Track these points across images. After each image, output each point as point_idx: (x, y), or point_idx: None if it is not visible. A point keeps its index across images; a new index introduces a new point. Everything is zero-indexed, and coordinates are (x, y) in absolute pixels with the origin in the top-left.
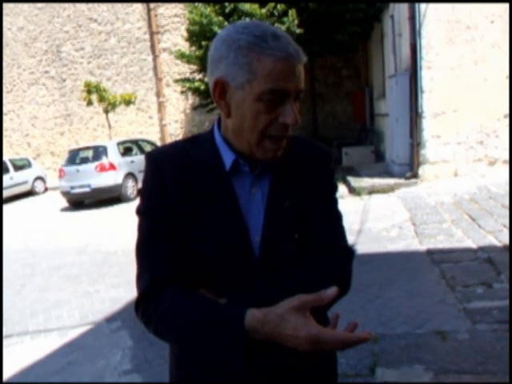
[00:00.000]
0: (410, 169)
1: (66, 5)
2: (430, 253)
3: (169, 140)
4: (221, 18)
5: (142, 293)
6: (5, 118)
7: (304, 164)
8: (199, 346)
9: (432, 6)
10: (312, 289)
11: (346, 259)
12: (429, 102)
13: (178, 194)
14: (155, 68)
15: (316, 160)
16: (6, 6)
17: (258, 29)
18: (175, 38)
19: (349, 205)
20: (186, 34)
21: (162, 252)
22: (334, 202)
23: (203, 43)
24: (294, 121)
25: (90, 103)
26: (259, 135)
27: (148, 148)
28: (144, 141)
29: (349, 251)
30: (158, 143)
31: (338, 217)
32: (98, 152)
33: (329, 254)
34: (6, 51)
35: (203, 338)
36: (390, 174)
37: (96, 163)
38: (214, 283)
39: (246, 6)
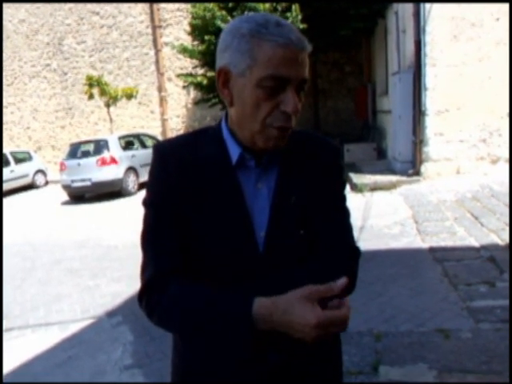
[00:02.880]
0: (413, 166)
1: None
2: (433, 251)
3: (170, 134)
4: (224, 13)
5: (146, 284)
6: (6, 110)
7: (311, 159)
8: (205, 335)
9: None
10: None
11: (351, 258)
12: (432, 100)
13: (182, 188)
14: (157, 62)
15: (324, 155)
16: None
17: (261, 17)
18: (178, 32)
19: (351, 201)
20: (188, 28)
21: (166, 245)
22: (342, 198)
23: (206, 37)
24: (293, 109)
25: (91, 97)
26: (262, 124)
27: (149, 142)
28: (145, 135)
29: (355, 250)
30: (160, 137)
31: (345, 214)
32: (100, 146)
33: (334, 252)
34: (7, 44)
35: (210, 326)
36: (393, 171)
37: (97, 157)
38: (218, 277)
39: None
